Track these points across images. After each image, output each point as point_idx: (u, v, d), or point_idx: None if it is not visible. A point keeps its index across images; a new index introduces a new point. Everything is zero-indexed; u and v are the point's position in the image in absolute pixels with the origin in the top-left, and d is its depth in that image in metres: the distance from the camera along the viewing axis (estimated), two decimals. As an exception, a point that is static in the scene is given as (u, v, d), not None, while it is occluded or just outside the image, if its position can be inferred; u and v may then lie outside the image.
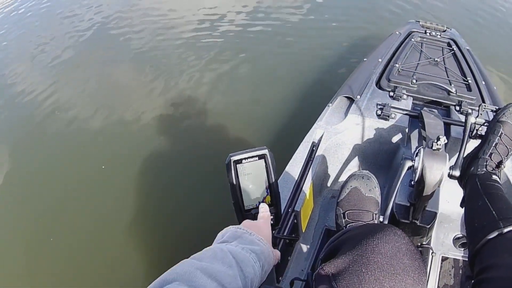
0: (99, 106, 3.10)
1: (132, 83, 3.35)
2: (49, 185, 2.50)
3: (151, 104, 3.05)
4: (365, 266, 0.66)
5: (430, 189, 1.14)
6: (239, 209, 0.83)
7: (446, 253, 1.42)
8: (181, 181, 2.39)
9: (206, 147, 2.58)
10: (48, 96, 3.27)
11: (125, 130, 2.85)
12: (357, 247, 0.69)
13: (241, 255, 0.67)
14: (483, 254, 0.86)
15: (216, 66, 3.37)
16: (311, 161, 1.49)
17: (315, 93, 2.90)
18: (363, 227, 0.80)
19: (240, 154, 0.79)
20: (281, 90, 3.03)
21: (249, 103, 2.96)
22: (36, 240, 2.17)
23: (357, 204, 1.18)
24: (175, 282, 0.55)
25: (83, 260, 2.05)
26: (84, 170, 2.55)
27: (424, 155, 1.12)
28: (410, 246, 0.69)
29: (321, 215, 1.58)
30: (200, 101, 3.02)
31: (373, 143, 1.63)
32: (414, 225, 1.30)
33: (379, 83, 1.78)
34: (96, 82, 3.44)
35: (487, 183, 1.09)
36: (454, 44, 2.15)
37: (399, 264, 0.65)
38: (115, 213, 2.26)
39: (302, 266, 1.40)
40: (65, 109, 3.12)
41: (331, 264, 0.71)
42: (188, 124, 2.84)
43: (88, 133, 2.86)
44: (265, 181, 0.82)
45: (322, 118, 1.66)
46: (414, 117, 1.54)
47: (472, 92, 1.72)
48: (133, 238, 2.12)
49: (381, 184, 1.23)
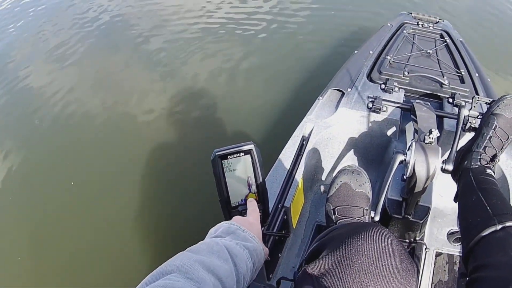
0: (102, 99, 3.09)
1: (134, 77, 3.33)
2: (51, 178, 2.49)
3: (153, 98, 3.03)
4: (349, 268, 0.64)
5: (422, 183, 1.11)
6: (225, 206, 0.81)
7: (440, 248, 1.39)
8: (172, 178, 2.37)
9: (193, 142, 2.57)
10: (50, 87, 3.26)
11: (126, 123, 2.83)
12: (341, 248, 0.68)
13: (235, 250, 0.65)
14: (477, 252, 0.84)
15: (211, 62, 3.33)
16: (301, 156, 1.45)
17: (305, 87, 2.87)
18: (348, 226, 0.79)
19: (225, 150, 0.77)
20: (269, 84, 3.00)
21: (238, 97, 2.93)
22: (41, 234, 2.16)
23: (347, 200, 1.15)
24: (173, 274, 0.53)
25: (88, 256, 2.04)
26: (87, 164, 2.54)
27: (416, 149, 1.10)
28: (396, 246, 0.67)
29: (312, 211, 1.55)
30: (189, 97, 2.99)
31: (364, 136, 1.59)
32: (406, 221, 1.28)
33: (370, 76, 1.75)
34: (98, 75, 3.41)
35: (481, 177, 1.06)
36: (447, 36, 2.12)
37: (385, 265, 0.63)
38: (120, 208, 2.24)
39: (293, 263, 1.37)
40: (68, 101, 3.09)
41: (314, 266, 0.70)
42: (179, 118, 2.82)
43: (90, 127, 2.83)
44: (252, 177, 0.80)
45: (312, 112, 1.62)
46: (406, 110, 1.51)
47: (466, 84, 1.69)
48: (137, 231, 2.11)
49: (372, 179, 1.21)
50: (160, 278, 0.53)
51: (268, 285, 1.24)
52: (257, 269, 0.73)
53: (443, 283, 1.29)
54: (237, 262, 0.63)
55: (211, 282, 0.55)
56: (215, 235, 0.70)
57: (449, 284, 1.28)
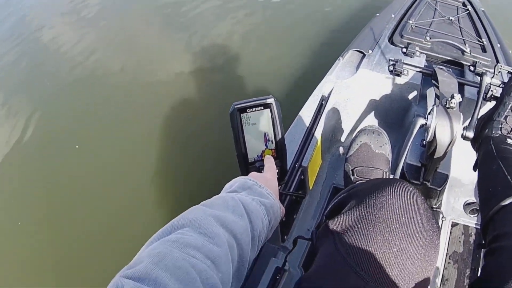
0: (121, 58, 3.07)
1: (154, 36, 3.31)
2: (67, 139, 2.48)
3: (172, 57, 3.02)
4: (373, 224, 0.61)
5: (442, 149, 1.10)
6: (242, 161, 0.79)
7: (456, 218, 1.37)
8: (190, 133, 2.38)
9: (213, 99, 2.57)
10: (72, 48, 3.24)
11: (145, 81, 2.83)
12: (364, 203, 0.64)
13: (251, 205, 0.63)
14: (497, 221, 0.81)
15: (232, 24, 3.29)
16: (320, 115, 1.43)
17: (325, 48, 2.83)
18: (371, 181, 0.74)
19: (244, 103, 0.75)
20: (290, 44, 2.96)
21: (260, 56, 2.90)
22: (60, 194, 2.17)
23: (367, 161, 1.14)
24: (185, 228, 0.52)
25: (107, 211, 2.06)
26: (107, 123, 2.54)
27: (437, 113, 1.08)
28: (422, 204, 0.63)
29: (329, 172, 1.54)
30: (210, 57, 2.97)
31: (384, 99, 1.58)
32: (424, 187, 1.26)
33: (392, 39, 1.72)
34: (117, 34, 3.39)
35: (502, 146, 1.05)
36: (469, 4, 2.07)
37: (410, 223, 0.60)
38: (138, 164, 2.26)
39: (309, 225, 1.36)
40: (89, 60, 3.08)
41: (336, 221, 0.67)
42: (199, 76, 2.80)
43: (108, 85, 2.83)
44: (271, 133, 0.78)
45: (332, 72, 1.60)
46: (427, 75, 1.49)
47: (487, 53, 1.66)
48: (155, 187, 2.12)
49: (391, 143, 1.19)
50: (173, 232, 0.51)
51: (282, 247, 1.23)
52: (273, 227, 0.72)
53: (458, 254, 1.28)
54: (253, 218, 0.61)
55: (225, 237, 0.53)
56: (230, 190, 0.68)
57: (463, 255, 1.27)
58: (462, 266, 1.25)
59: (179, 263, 0.45)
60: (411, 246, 0.58)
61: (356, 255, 0.59)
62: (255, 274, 1.03)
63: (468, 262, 1.25)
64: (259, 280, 1.03)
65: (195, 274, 0.45)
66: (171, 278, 0.43)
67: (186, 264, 0.45)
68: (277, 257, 1.12)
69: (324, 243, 0.68)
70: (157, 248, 0.47)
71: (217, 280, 0.48)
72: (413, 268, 0.57)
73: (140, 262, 0.44)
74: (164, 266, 0.43)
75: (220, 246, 0.52)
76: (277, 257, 1.12)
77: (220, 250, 0.51)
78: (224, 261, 0.51)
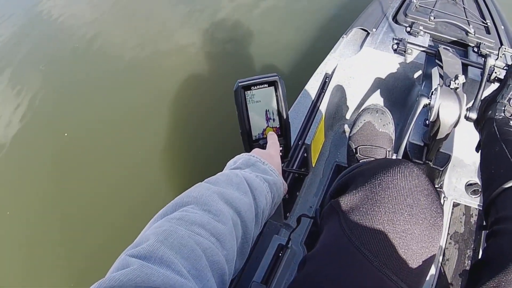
0: (127, 32, 3.10)
1: (161, 12, 3.31)
2: (75, 112, 2.50)
3: (179, 32, 3.03)
4: (378, 204, 0.60)
5: (445, 129, 1.10)
6: (246, 139, 0.79)
7: (458, 199, 1.38)
8: (194, 111, 2.38)
9: (217, 76, 2.57)
10: (85, 24, 3.23)
11: (151, 57, 2.83)
12: (369, 183, 0.64)
13: (255, 182, 0.62)
14: (499, 204, 0.81)
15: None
16: (323, 93, 1.43)
17: (329, 25, 2.82)
18: (377, 161, 0.74)
19: (249, 80, 0.75)
20: (294, 21, 2.94)
21: (263, 34, 2.88)
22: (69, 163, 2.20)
23: (370, 140, 1.15)
24: (190, 205, 0.51)
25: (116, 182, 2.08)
26: (117, 101, 2.53)
27: (441, 93, 1.07)
28: (428, 185, 0.63)
29: (332, 150, 1.55)
30: (215, 33, 2.97)
31: (388, 78, 1.57)
32: (427, 167, 1.26)
33: (396, 18, 1.70)
34: (123, 7, 3.38)
35: (505, 129, 1.04)
36: None
37: (415, 204, 0.60)
38: (146, 139, 2.28)
39: (311, 203, 1.37)
40: (101, 38, 3.07)
41: (340, 201, 0.66)
42: (203, 52, 2.80)
43: (123, 62, 2.82)
44: (275, 110, 0.78)
45: (336, 50, 1.59)
46: (431, 55, 1.48)
47: (491, 35, 1.65)
48: (162, 162, 2.14)
49: (395, 122, 1.20)
50: (177, 209, 0.51)
51: (285, 224, 1.24)
52: (276, 204, 0.72)
53: (459, 234, 1.29)
54: (257, 195, 0.61)
55: (229, 214, 0.53)
56: (234, 167, 0.68)
57: (464, 236, 1.28)
58: (463, 246, 1.26)
59: (185, 241, 0.45)
60: (415, 227, 0.58)
61: (361, 234, 0.59)
62: (258, 251, 1.04)
63: (469, 243, 1.27)
64: (262, 257, 1.04)
65: (201, 252, 0.45)
66: (177, 255, 0.43)
67: (192, 242, 0.45)
68: (279, 234, 1.13)
69: (329, 222, 0.67)
70: (162, 226, 0.46)
71: (222, 258, 0.48)
72: (417, 248, 0.58)
73: (145, 240, 0.44)
74: (170, 244, 0.43)
75: (225, 223, 0.51)
76: (280, 234, 1.13)
77: (225, 228, 0.51)
78: (229, 238, 0.51)
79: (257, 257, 1.04)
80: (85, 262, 1.79)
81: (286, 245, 1.04)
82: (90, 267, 1.75)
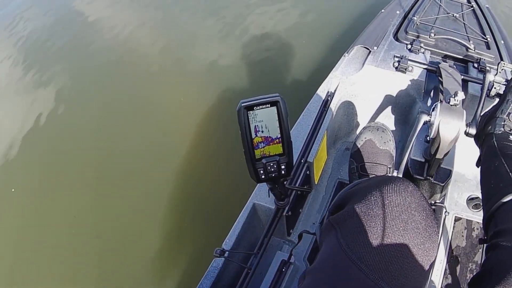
0: (154, 39, 3.26)
1: (194, 24, 3.46)
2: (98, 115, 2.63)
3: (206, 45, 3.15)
4: (374, 220, 0.62)
5: (446, 145, 1.12)
6: (249, 158, 0.81)
7: (459, 213, 1.39)
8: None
9: (219, 95, 2.61)
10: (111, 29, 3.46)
11: (171, 72, 2.94)
12: (366, 199, 0.66)
13: None
14: (498, 217, 0.82)
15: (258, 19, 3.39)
16: (325, 111, 1.45)
17: (331, 44, 2.86)
18: (373, 178, 0.75)
19: (251, 101, 0.77)
20: (296, 40, 3.00)
21: (263, 52, 2.94)
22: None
23: (371, 157, 1.17)
24: None
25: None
26: (141, 107, 2.66)
27: (441, 110, 1.09)
28: (422, 202, 0.65)
29: (334, 168, 1.56)
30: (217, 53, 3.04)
31: (389, 95, 1.59)
32: (428, 182, 1.28)
33: (397, 35, 1.73)
34: (152, 14, 3.62)
35: (504, 143, 1.05)
36: (473, 1, 2.08)
37: (410, 219, 0.61)
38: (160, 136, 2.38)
39: (314, 219, 1.39)
40: (129, 41, 3.26)
41: (338, 217, 0.68)
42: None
43: (147, 69, 2.97)
44: (277, 129, 0.80)
45: (338, 68, 1.61)
46: (431, 72, 1.50)
47: (491, 50, 1.67)
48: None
49: (396, 139, 1.21)
50: None
51: (288, 240, 1.26)
52: None
53: (461, 248, 1.29)
54: None
55: None
56: None
57: (466, 250, 1.28)
58: (465, 260, 1.26)
59: None
60: (410, 242, 0.60)
61: (357, 249, 0.61)
62: (261, 266, 1.06)
63: (471, 256, 1.27)
64: (266, 272, 1.06)
65: None
66: None
67: None
68: (282, 250, 1.15)
69: (327, 237, 0.69)
70: None
71: None
72: (412, 261, 0.59)
73: None
74: None
75: None
76: (283, 251, 1.15)
77: None
78: None
79: (261, 273, 1.05)
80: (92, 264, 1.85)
81: (289, 261, 1.06)
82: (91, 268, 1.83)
